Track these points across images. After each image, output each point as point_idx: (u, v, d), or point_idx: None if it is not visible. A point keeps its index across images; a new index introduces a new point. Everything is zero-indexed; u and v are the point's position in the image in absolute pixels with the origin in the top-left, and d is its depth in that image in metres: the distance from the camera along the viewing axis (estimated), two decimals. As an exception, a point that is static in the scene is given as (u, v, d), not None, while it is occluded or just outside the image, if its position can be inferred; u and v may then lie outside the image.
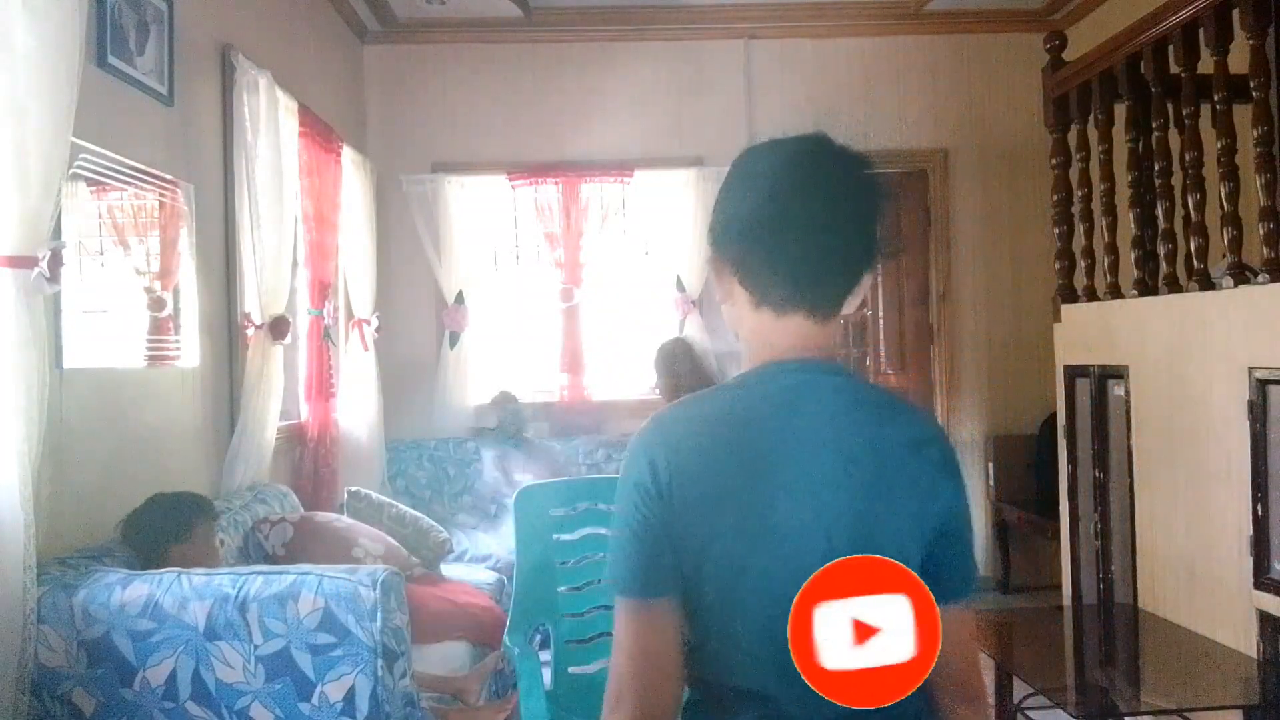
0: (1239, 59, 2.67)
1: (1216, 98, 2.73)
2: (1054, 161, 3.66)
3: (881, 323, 5.26)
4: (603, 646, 2.55)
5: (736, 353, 1.21)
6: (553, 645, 2.57)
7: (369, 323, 4.57)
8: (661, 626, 1.03)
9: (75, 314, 2.44)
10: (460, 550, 4.01)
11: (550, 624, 2.57)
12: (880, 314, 5.26)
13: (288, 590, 2.03)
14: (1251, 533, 2.51)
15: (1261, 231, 2.51)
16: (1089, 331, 3.44)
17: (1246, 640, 2.52)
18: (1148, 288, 3.14)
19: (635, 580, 1.04)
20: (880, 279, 5.25)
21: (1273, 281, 2.48)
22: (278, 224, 3.30)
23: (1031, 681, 2.35)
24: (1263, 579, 2.48)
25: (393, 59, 5.11)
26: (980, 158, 5.15)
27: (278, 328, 3.30)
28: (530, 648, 2.46)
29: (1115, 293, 3.31)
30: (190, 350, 3.00)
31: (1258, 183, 2.54)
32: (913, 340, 5.24)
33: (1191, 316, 2.83)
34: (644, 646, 1.02)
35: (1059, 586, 3.75)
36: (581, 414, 4.99)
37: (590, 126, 5.07)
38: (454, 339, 5.01)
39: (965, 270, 5.17)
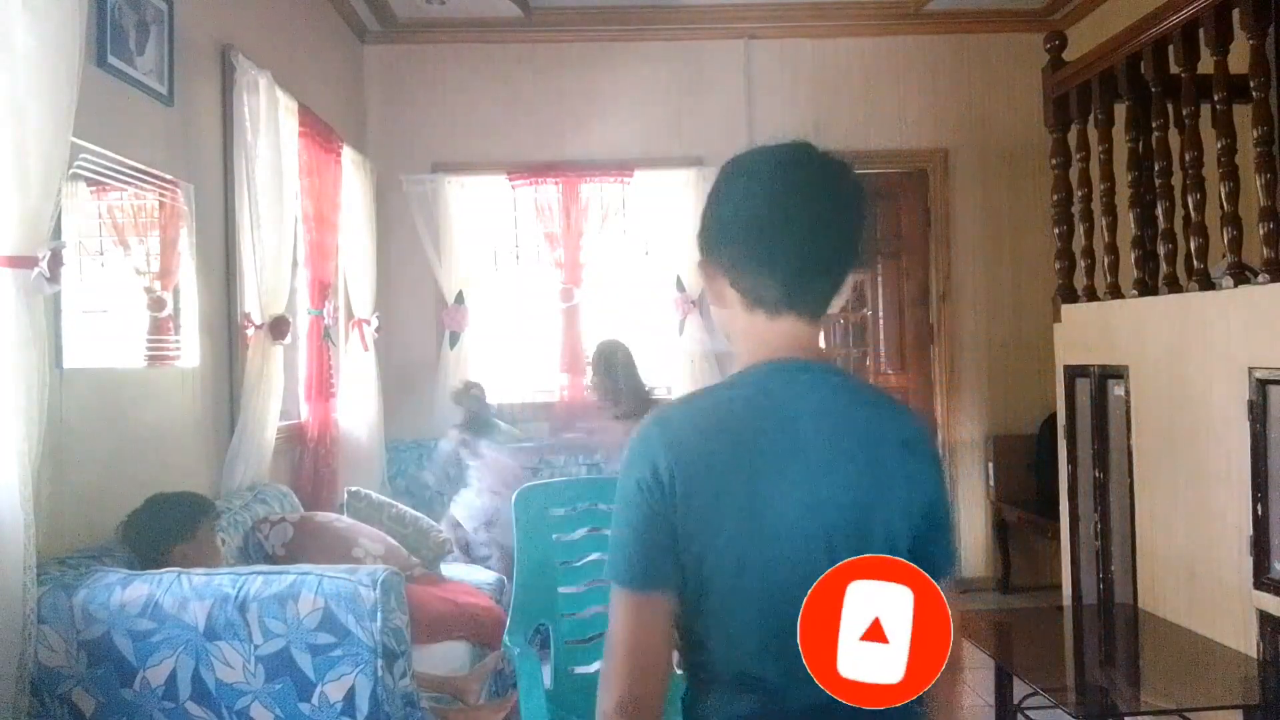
0: (1239, 59, 2.67)
1: (1216, 98, 2.73)
2: (1054, 161, 3.66)
3: (881, 323, 5.26)
4: (602, 646, 2.54)
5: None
6: (553, 645, 2.57)
7: (369, 323, 4.57)
8: (654, 618, 1.08)
9: (75, 314, 2.44)
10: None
11: (550, 624, 2.57)
12: (880, 314, 5.26)
13: (288, 590, 2.03)
14: (1251, 533, 2.51)
15: (1261, 231, 2.51)
16: (1089, 331, 3.44)
17: (1246, 640, 2.52)
18: (1148, 288, 3.14)
19: (633, 574, 1.08)
20: (880, 279, 5.26)
21: (1273, 281, 2.48)
22: (278, 224, 3.30)
23: (1031, 681, 2.35)
24: (1263, 579, 2.48)
25: (393, 59, 5.11)
26: (980, 158, 5.15)
27: (278, 328, 3.30)
28: (530, 648, 2.46)
29: (1115, 293, 3.31)
30: (190, 350, 3.00)
31: (1258, 183, 2.54)
32: (913, 340, 5.24)
33: (1191, 316, 2.83)
34: (637, 636, 1.07)
35: (1059, 586, 3.75)
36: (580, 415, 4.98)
37: (590, 126, 5.07)
38: (454, 339, 5.01)
39: (965, 270, 5.16)
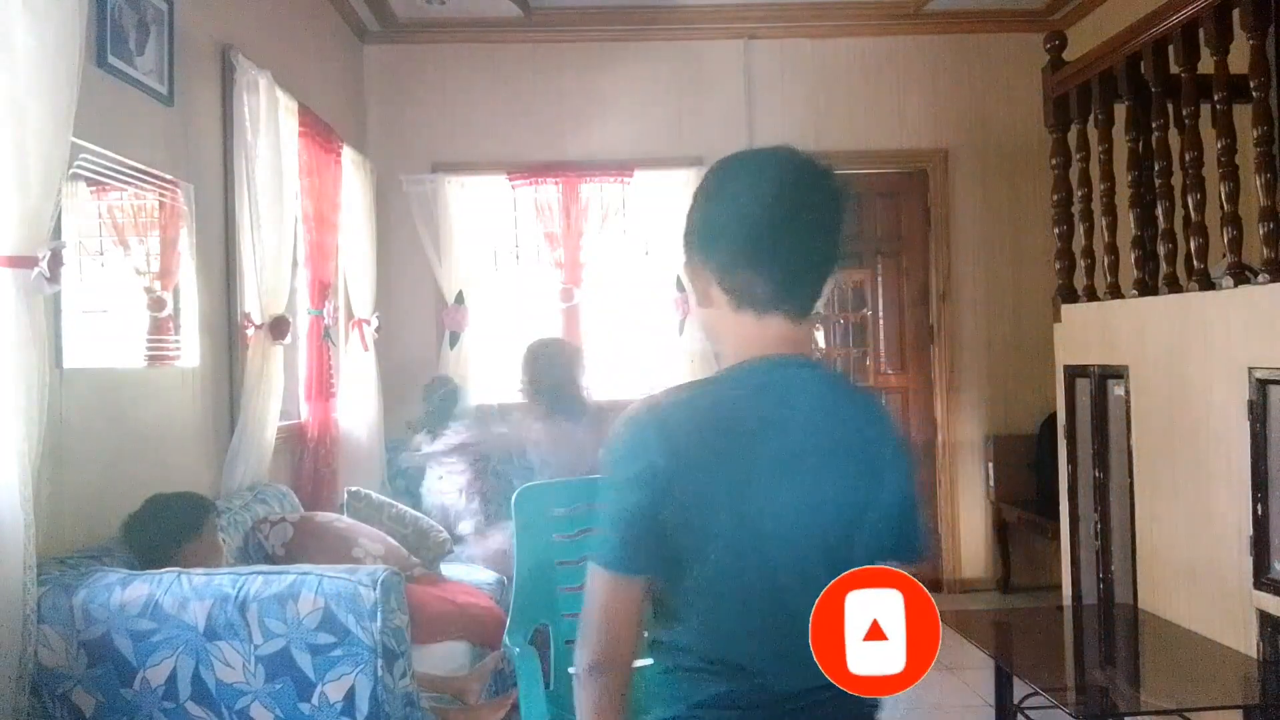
0: (1239, 59, 2.67)
1: (1216, 98, 2.73)
2: (1054, 161, 3.66)
3: (881, 323, 5.26)
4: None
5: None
6: (552, 644, 2.57)
7: (369, 323, 4.56)
8: (630, 597, 1.14)
9: (75, 314, 2.44)
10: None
11: (550, 623, 2.57)
12: (880, 314, 5.26)
13: (288, 590, 2.03)
14: (1251, 533, 2.51)
15: (1261, 231, 2.50)
16: (1089, 331, 3.44)
17: (1246, 640, 2.52)
18: (1148, 288, 3.14)
19: (615, 559, 1.13)
20: (880, 279, 5.26)
21: (1273, 281, 2.47)
22: (278, 224, 3.30)
23: (1031, 681, 2.35)
24: (1263, 579, 2.48)
25: (393, 59, 5.11)
26: (980, 158, 5.15)
27: (278, 328, 3.30)
28: (530, 648, 2.46)
29: (1115, 293, 3.31)
30: (190, 350, 3.00)
31: (1258, 183, 2.54)
32: (913, 340, 5.23)
33: (1191, 316, 2.83)
34: (613, 609, 1.13)
35: (1059, 586, 3.74)
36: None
37: (590, 126, 5.07)
38: (454, 339, 5.01)
39: (965, 270, 5.16)
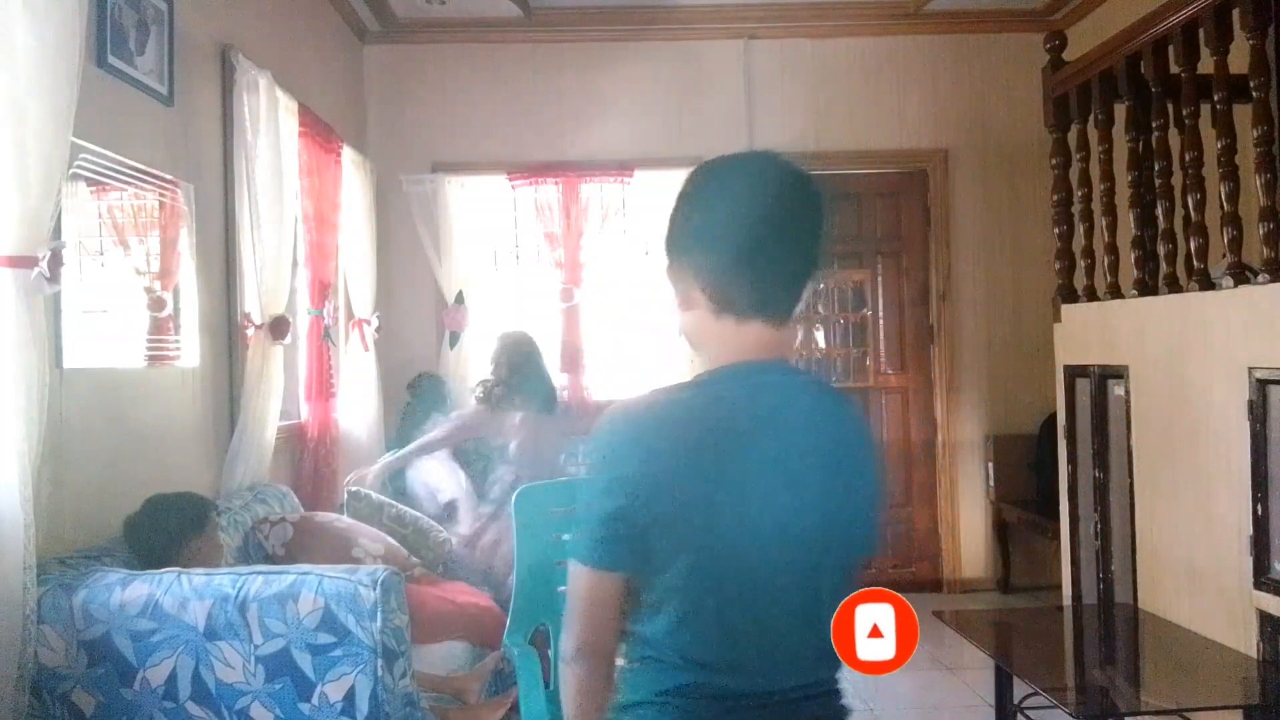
0: (1239, 59, 2.67)
1: (1216, 98, 2.73)
2: (1054, 161, 3.66)
3: (881, 323, 5.26)
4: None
5: None
6: (552, 644, 2.57)
7: (369, 323, 4.56)
8: (611, 590, 1.18)
9: (75, 314, 2.44)
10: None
11: (550, 623, 2.57)
12: (880, 314, 5.26)
13: (288, 590, 2.03)
14: (1251, 533, 2.51)
15: (1261, 231, 2.50)
16: (1089, 331, 3.44)
17: (1246, 640, 2.52)
18: (1148, 288, 3.14)
19: (595, 557, 1.16)
20: (880, 279, 5.26)
21: (1273, 281, 2.47)
22: (278, 224, 3.30)
23: (1031, 681, 2.35)
24: (1263, 579, 2.48)
25: (393, 59, 5.11)
26: (980, 158, 5.15)
27: (278, 328, 3.30)
28: (530, 647, 2.46)
29: (1115, 293, 3.31)
30: (190, 350, 3.00)
31: (1258, 183, 2.54)
32: (913, 340, 5.23)
33: (1191, 316, 2.83)
34: (593, 602, 1.17)
35: (1059, 586, 3.74)
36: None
37: (590, 126, 5.07)
38: (454, 339, 5.01)
39: (965, 270, 5.16)
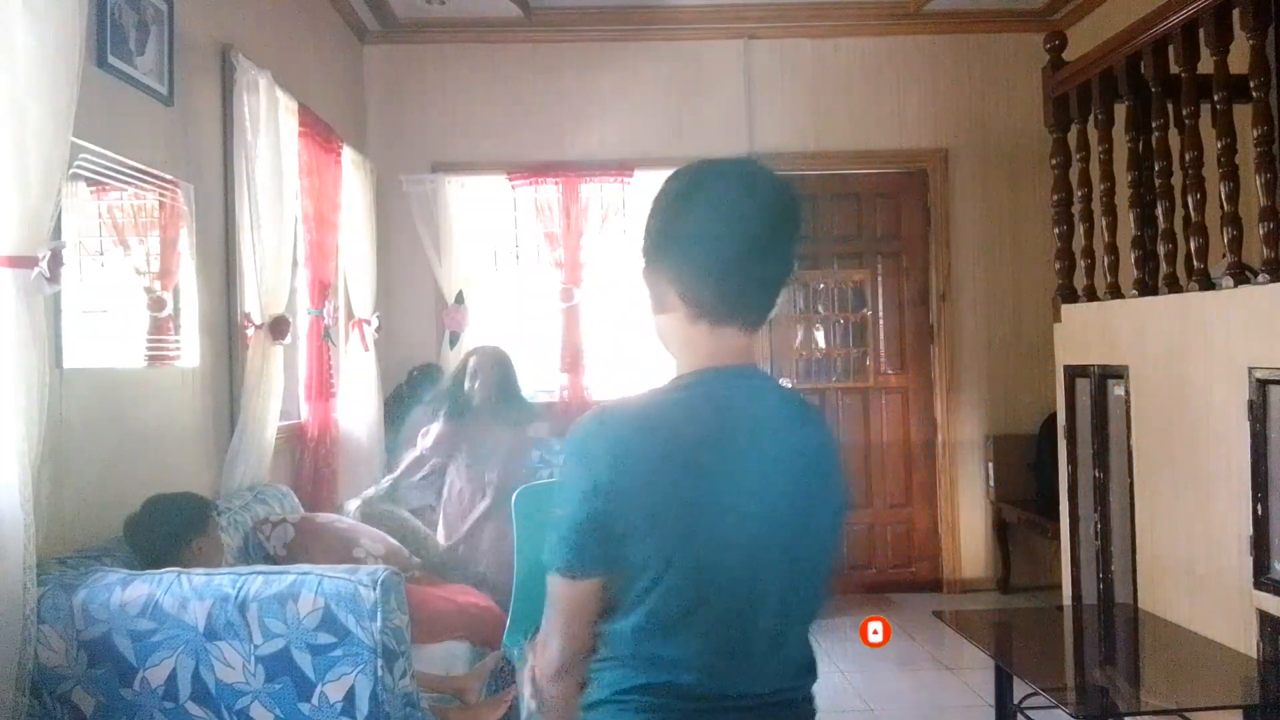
0: (1239, 59, 2.67)
1: (1216, 98, 2.73)
2: (1054, 161, 3.66)
3: (881, 323, 5.26)
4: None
5: None
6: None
7: (369, 323, 4.56)
8: (587, 599, 1.19)
9: (75, 314, 2.44)
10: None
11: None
12: (880, 314, 5.26)
13: (288, 590, 2.03)
14: (1251, 533, 2.51)
15: (1261, 231, 2.50)
16: (1089, 331, 3.44)
17: (1246, 640, 2.52)
18: (1148, 288, 3.14)
19: (571, 566, 1.17)
20: (880, 279, 5.26)
21: (1273, 281, 2.47)
22: (278, 224, 3.30)
23: (1031, 681, 2.35)
24: (1263, 579, 2.48)
25: (393, 59, 5.11)
26: (980, 158, 5.15)
27: (278, 328, 3.30)
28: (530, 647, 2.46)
29: (1115, 293, 3.31)
30: (190, 350, 3.00)
31: (1258, 183, 2.54)
32: (913, 340, 5.23)
33: (1191, 316, 2.83)
34: (571, 611, 1.19)
35: (1059, 586, 3.74)
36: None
37: (590, 126, 5.07)
38: (454, 339, 5.01)
39: (965, 270, 5.16)
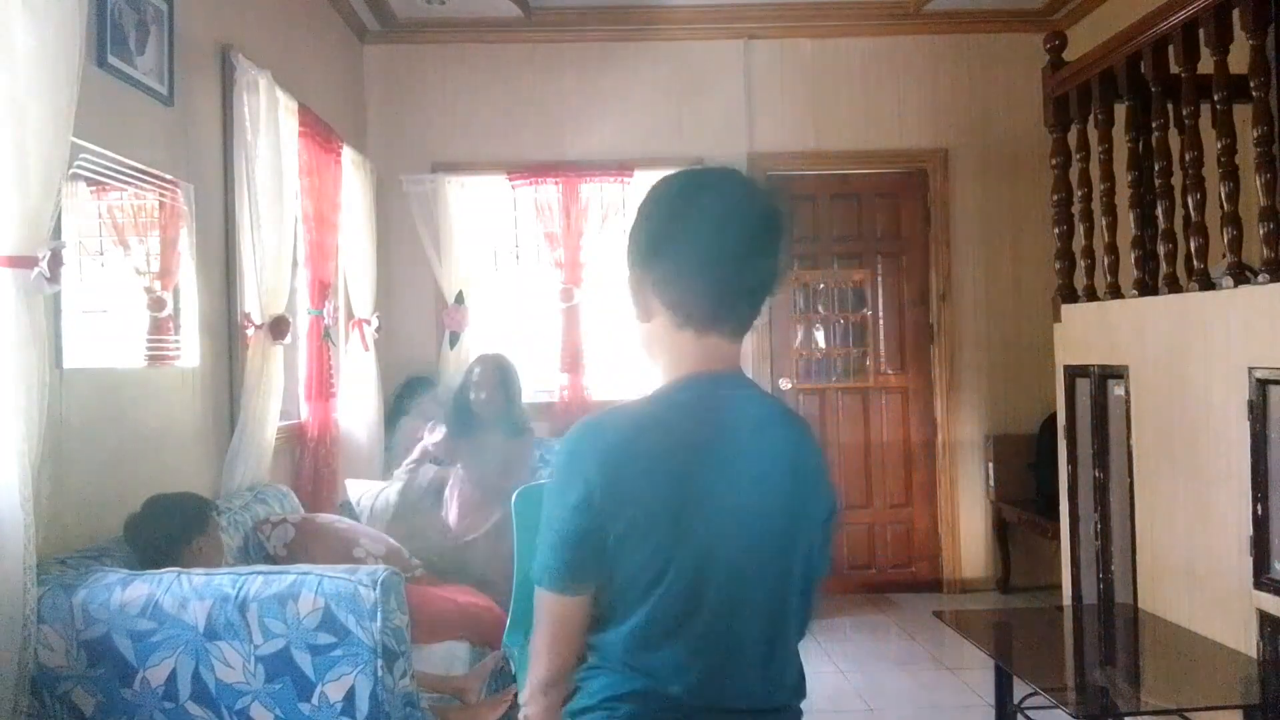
0: (1239, 59, 2.67)
1: (1216, 98, 2.73)
2: (1054, 161, 3.66)
3: (881, 323, 5.26)
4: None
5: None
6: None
7: (369, 323, 4.56)
8: (577, 613, 1.20)
9: (75, 314, 2.44)
10: None
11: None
12: (880, 314, 5.26)
13: (288, 590, 2.03)
14: (1251, 533, 2.51)
15: (1261, 231, 2.50)
16: (1089, 331, 3.44)
17: (1246, 640, 2.52)
18: (1148, 288, 3.14)
19: (560, 582, 1.18)
20: (880, 279, 5.25)
21: (1273, 281, 2.47)
22: (278, 224, 3.30)
23: (1031, 681, 2.35)
24: (1263, 579, 2.48)
25: (393, 59, 5.11)
26: (980, 157, 5.15)
27: (278, 328, 3.30)
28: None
29: (1115, 293, 3.31)
30: (190, 350, 3.00)
31: (1258, 183, 2.54)
32: (913, 340, 5.23)
33: (1191, 316, 2.83)
34: (560, 626, 1.20)
35: (1059, 586, 3.74)
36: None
37: (590, 126, 5.07)
38: (454, 339, 5.01)
39: (965, 270, 5.16)
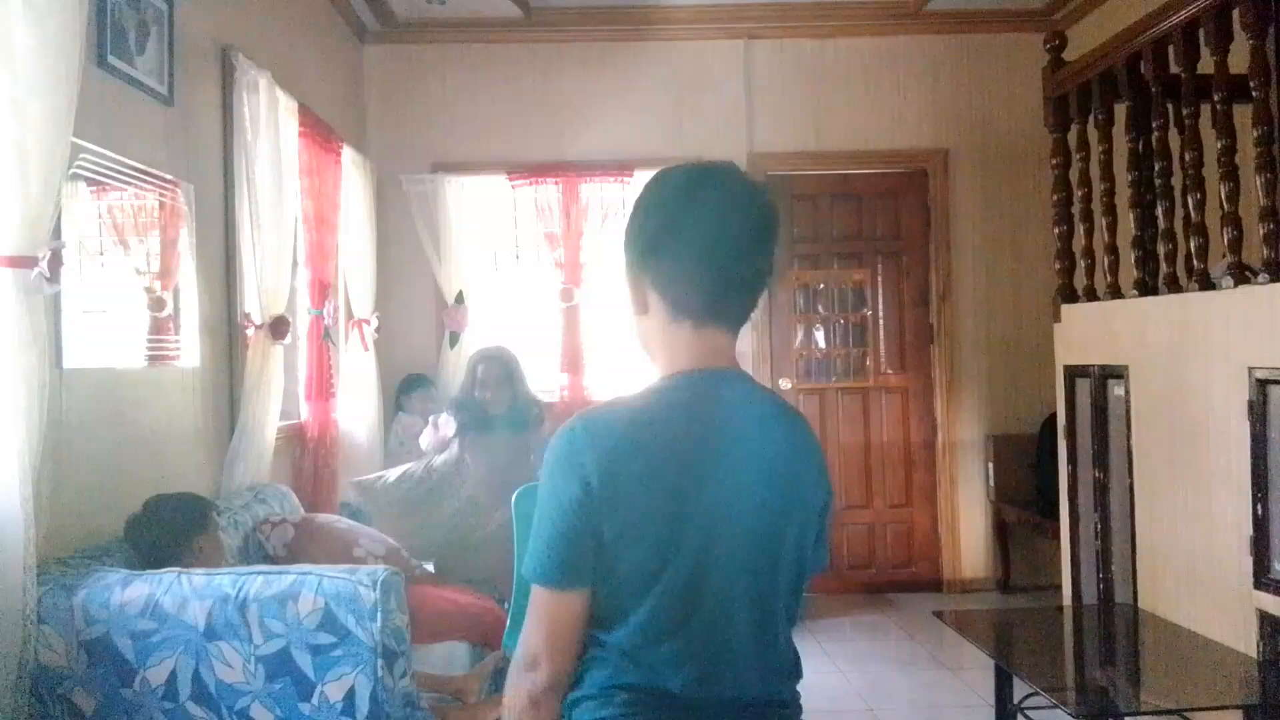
0: (1239, 59, 2.67)
1: (1216, 98, 2.73)
2: (1054, 161, 3.66)
3: (881, 323, 5.25)
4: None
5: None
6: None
7: (369, 323, 4.57)
8: (574, 610, 1.17)
9: (75, 314, 2.44)
10: None
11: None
12: (880, 314, 5.26)
13: (288, 590, 2.03)
14: (1251, 533, 2.51)
15: (1261, 231, 2.50)
16: (1089, 331, 3.44)
17: (1246, 640, 2.52)
18: (1148, 288, 3.14)
19: (556, 577, 1.15)
20: (880, 279, 5.25)
21: (1273, 281, 2.47)
22: (278, 224, 3.30)
23: (1031, 681, 2.35)
24: (1263, 579, 2.48)
25: (393, 59, 5.11)
26: (980, 158, 5.15)
27: (278, 328, 3.30)
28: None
29: (1115, 293, 3.31)
30: (190, 350, 3.00)
31: (1258, 183, 2.54)
32: (913, 340, 5.23)
33: (1191, 316, 2.83)
34: (559, 625, 1.16)
35: (1059, 586, 3.74)
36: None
37: (590, 127, 5.07)
38: (454, 339, 5.01)
39: (965, 270, 5.16)
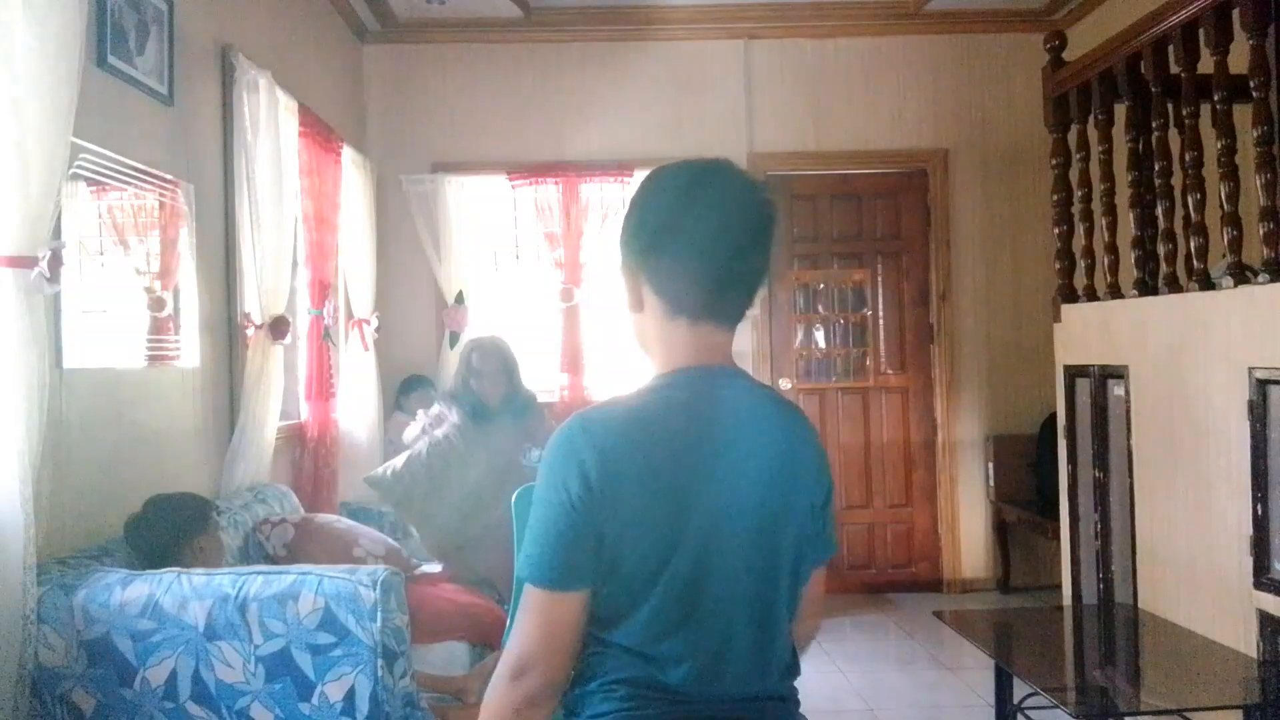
0: (1239, 59, 2.67)
1: (1216, 98, 2.73)
2: (1054, 161, 3.66)
3: (881, 323, 5.25)
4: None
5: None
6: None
7: (369, 323, 4.57)
8: (570, 614, 1.12)
9: (75, 314, 2.44)
10: None
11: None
12: (880, 314, 5.25)
13: (288, 590, 2.03)
14: (1251, 533, 2.51)
15: (1261, 231, 2.50)
16: (1089, 331, 3.44)
17: (1246, 640, 2.52)
18: (1148, 288, 3.14)
19: (553, 577, 1.12)
20: (880, 279, 5.25)
21: (1273, 281, 2.47)
22: (278, 224, 3.30)
23: (1031, 681, 2.35)
24: (1263, 579, 2.48)
25: (393, 59, 5.11)
26: (980, 158, 5.15)
27: (278, 328, 3.30)
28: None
29: (1115, 293, 3.31)
30: (190, 350, 3.00)
31: (1258, 183, 2.54)
32: (913, 340, 5.23)
33: (1191, 316, 2.83)
34: (553, 630, 1.12)
35: (1059, 586, 3.74)
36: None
37: (590, 126, 5.07)
38: (454, 339, 5.00)
39: (965, 270, 5.16)
